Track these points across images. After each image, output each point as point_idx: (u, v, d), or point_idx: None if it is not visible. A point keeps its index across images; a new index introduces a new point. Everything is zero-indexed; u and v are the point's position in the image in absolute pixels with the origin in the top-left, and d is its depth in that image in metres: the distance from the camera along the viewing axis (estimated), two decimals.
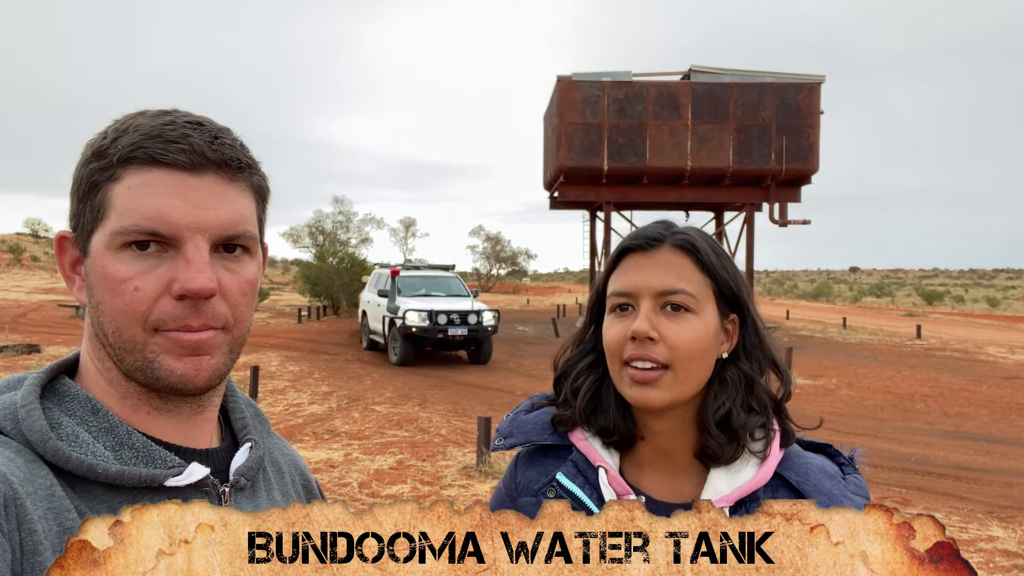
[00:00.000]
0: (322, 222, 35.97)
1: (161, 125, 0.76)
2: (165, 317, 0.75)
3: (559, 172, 21.56)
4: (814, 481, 0.97)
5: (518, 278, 53.98)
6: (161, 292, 0.75)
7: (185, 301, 0.75)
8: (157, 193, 0.74)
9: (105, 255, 0.75)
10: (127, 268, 0.74)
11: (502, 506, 1.10)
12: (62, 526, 0.67)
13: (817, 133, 21.16)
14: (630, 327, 0.97)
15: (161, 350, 0.76)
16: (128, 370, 0.77)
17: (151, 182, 0.74)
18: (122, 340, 0.76)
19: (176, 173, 0.75)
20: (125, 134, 0.76)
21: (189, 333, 0.76)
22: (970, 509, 5.92)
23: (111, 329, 0.76)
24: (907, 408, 10.71)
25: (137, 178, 0.75)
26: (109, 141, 0.76)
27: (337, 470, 6.43)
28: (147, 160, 0.75)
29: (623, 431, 1.03)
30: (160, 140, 0.75)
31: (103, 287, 0.75)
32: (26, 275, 43.27)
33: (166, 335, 0.76)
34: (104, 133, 0.78)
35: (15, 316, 20.47)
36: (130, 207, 0.74)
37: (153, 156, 0.74)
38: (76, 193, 0.78)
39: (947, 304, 48.83)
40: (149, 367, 0.76)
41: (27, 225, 73.74)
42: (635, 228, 1.09)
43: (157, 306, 0.75)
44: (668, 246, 1.01)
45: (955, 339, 21.17)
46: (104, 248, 0.75)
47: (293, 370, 12.53)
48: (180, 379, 0.77)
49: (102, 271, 0.75)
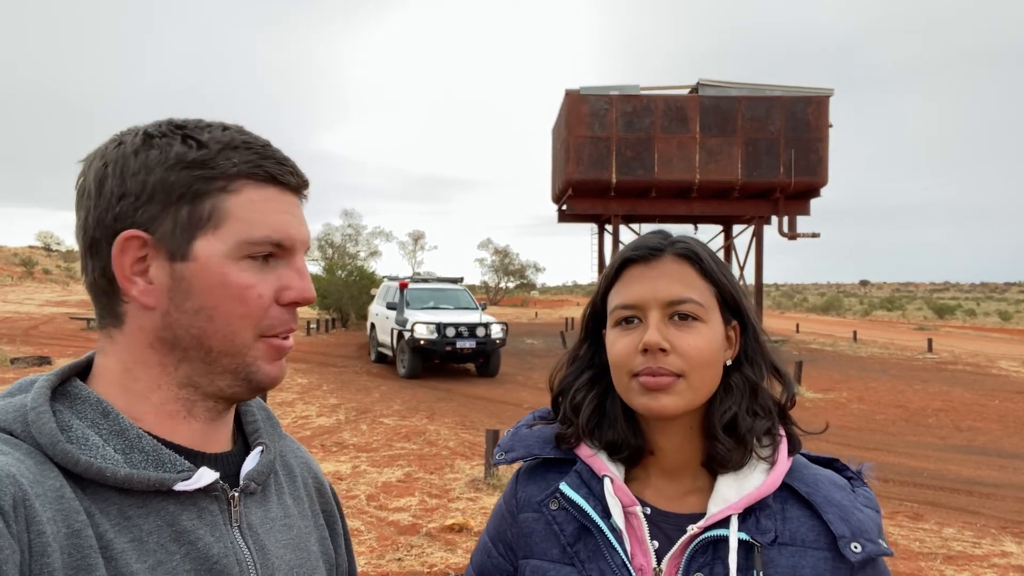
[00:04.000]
0: (331, 235, 36.16)
1: (261, 146, 0.82)
2: (275, 322, 0.81)
3: (567, 185, 21.61)
4: (824, 492, 0.95)
5: (526, 291, 53.96)
6: (274, 299, 0.81)
7: (290, 308, 0.82)
8: (280, 210, 0.81)
9: (224, 262, 0.77)
10: (250, 276, 0.78)
11: (502, 523, 1.09)
12: (71, 528, 0.67)
13: (826, 146, 21.15)
14: (639, 339, 0.95)
15: (260, 355, 0.81)
16: (216, 374, 0.80)
17: (271, 199, 0.81)
18: (229, 344, 0.79)
19: (287, 193, 0.83)
20: (232, 150, 0.79)
21: (288, 341, 0.84)
22: (983, 524, 5.85)
23: (222, 333, 0.78)
24: (919, 422, 10.62)
25: (257, 193, 0.80)
26: (213, 153, 0.78)
27: (345, 482, 6.42)
28: (266, 178, 0.81)
29: (632, 446, 1.02)
30: (272, 160, 0.81)
31: (220, 293, 0.77)
32: (38, 288, 43.56)
33: (269, 341, 0.81)
34: (190, 142, 0.78)
35: (27, 328, 20.59)
36: (257, 220, 0.79)
37: (272, 175, 0.81)
38: (163, 196, 0.77)
39: (959, 318, 48.48)
40: (247, 370, 0.80)
41: (39, 238, 74.36)
42: (633, 239, 1.08)
43: (269, 312, 0.80)
44: (670, 255, 1.00)
45: (967, 353, 21.00)
46: (222, 256, 0.77)
47: (302, 382, 12.54)
48: (272, 381, 0.83)
49: (221, 278, 0.77)
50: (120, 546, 0.70)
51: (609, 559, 0.95)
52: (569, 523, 1.00)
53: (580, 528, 0.99)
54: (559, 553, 0.99)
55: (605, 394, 1.05)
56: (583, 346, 1.10)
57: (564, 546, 0.99)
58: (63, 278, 50.50)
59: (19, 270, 53.55)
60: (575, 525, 0.99)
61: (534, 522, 1.03)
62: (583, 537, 0.98)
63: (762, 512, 0.94)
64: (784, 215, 21.87)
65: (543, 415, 1.14)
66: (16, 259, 59.40)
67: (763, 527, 0.93)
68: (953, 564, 4.86)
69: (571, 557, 0.98)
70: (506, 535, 1.07)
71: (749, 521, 0.94)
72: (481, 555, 1.10)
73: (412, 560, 4.63)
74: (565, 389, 1.09)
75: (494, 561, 1.07)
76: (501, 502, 1.12)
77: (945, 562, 4.89)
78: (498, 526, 1.10)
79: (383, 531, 5.17)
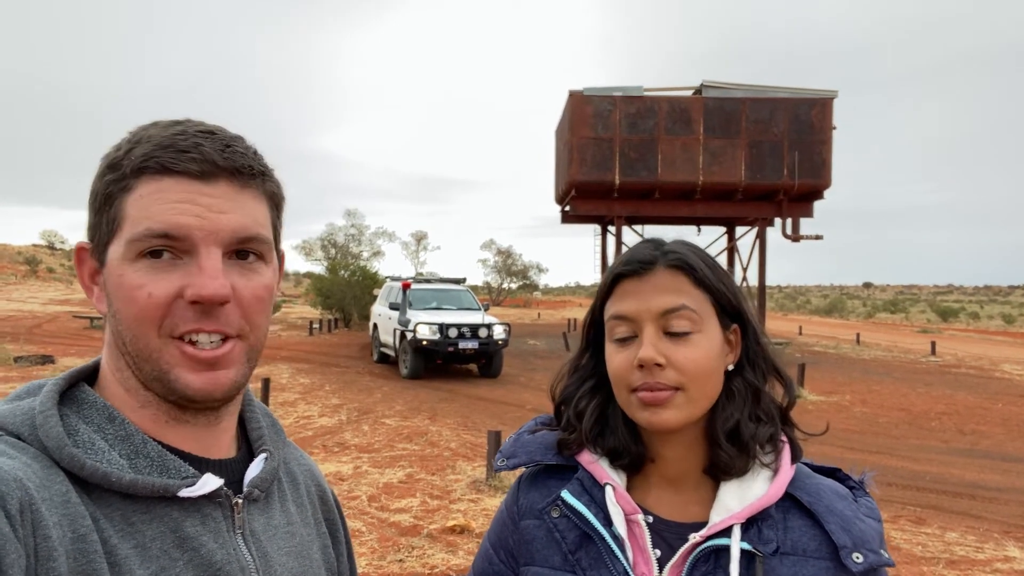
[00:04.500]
0: (334, 235, 36.18)
1: (172, 135, 0.77)
2: (177, 321, 0.75)
3: (571, 186, 21.58)
4: (826, 502, 0.95)
5: (529, 292, 53.88)
6: (174, 297, 0.75)
7: (198, 307, 0.75)
8: (168, 200, 0.75)
9: (121, 265, 0.76)
10: (141, 276, 0.75)
11: (504, 529, 1.09)
12: (76, 532, 0.67)
13: (829, 148, 21.10)
14: (635, 355, 0.95)
15: (176, 362, 0.76)
16: (146, 380, 0.78)
17: (163, 190, 0.75)
18: (138, 348, 0.76)
19: (187, 181, 0.76)
20: (138, 145, 0.77)
21: (205, 351, 0.77)
22: (986, 528, 5.84)
23: (128, 337, 0.76)
24: (922, 426, 10.59)
25: (149, 187, 0.75)
26: (123, 153, 0.77)
27: (346, 483, 6.42)
28: (159, 169, 0.75)
29: (633, 453, 1.02)
30: (171, 150, 0.75)
31: (119, 295, 0.76)
32: (42, 287, 43.64)
33: (181, 347, 0.76)
34: (119, 145, 0.79)
35: (30, 327, 20.63)
36: (142, 215, 0.75)
37: (164, 165, 0.75)
38: (93, 205, 0.79)
39: (962, 321, 48.35)
40: (165, 378, 0.76)
41: (43, 237, 74.47)
42: (625, 249, 1.07)
43: (170, 311, 0.75)
44: (662, 267, 0.98)
45: (970, 356, 20.95)
46: (120, 258, 0.76)
47: (304, 382, 12.55)
48: (197, 392, 0.77)
49: (118, 280, 0.76)
50: (124, 552, 0.70)
51: (611, 567, 0.95)
52: (571, 531, 1.00)
53: (582, 536, 0.99)
54: (561, 561, 0.99)
55: (607, 402, 1.05)
56: (584, 356, 1.10)
57: (566, 554, 0.99)
58: (67, 277, 50.55)
59: (23, 269, 53.65)
60: (577, 533, 0.99)
61: (536, 529, 1.03)
62: (585, 545, 0.98)
63: (764, 522, 0.94)
64: (787, 217, 21.82)
65: (545, 421, 1.14)
66: (20, 258, 59.50)
67: (765, 537, 0.93)
68: (956, 569, 4.85)
69: (573, 565, 0.98)
70: (508, 542, 1.07)
71: (751, 531, 0.93)
72: (483, 561, 1.10)
73: (413, 561, 4.63)
74: (568, 398, 1.08)
75: (496, 568, 1.07)
76: (503, 508, 1.12)
77: (948, 567, 4.88)
78: (500, 532, 1.10)
79: (384, 532, 5.17)
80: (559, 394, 1.11)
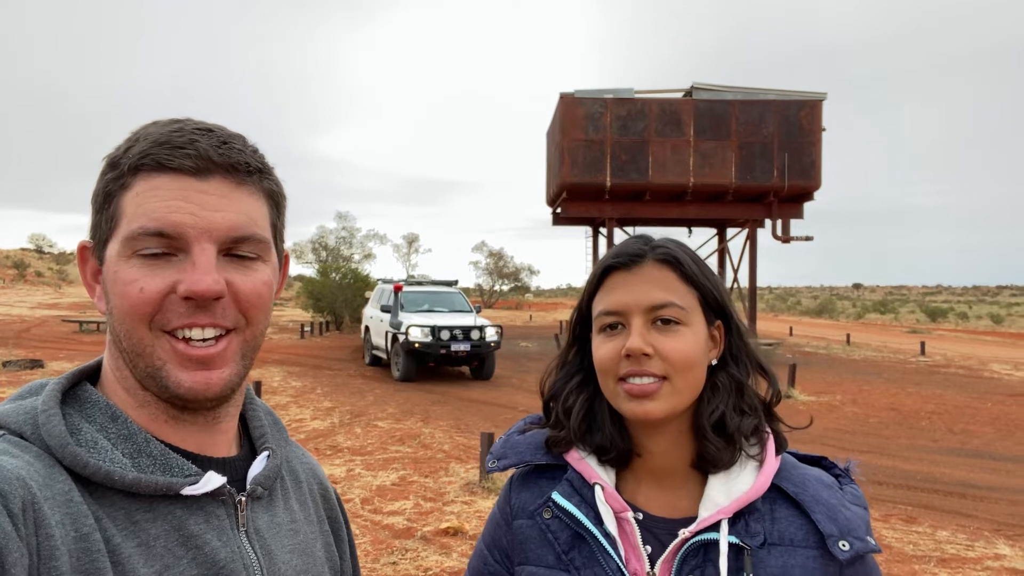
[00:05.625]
0: (325, 238, 36.11)
1: (169, 132, 0.77)
2: (169, 316, 0.75)
3: (562, 188, 21.63)
4: (812, 492, 0.97)
5: (521, 294, 53.94)
6: (166, 292, 0.75)
7: (191, 303, 0.75)
8: (162, 197, 0.75)
9: (117, 262, 0.76)
10: (135, 272, 0.75)
11: (497, 529, 1.10)
12: (79, 532, 0.67)
13: (819, 150, 21.23)
14: (623, 345, 0.97)
15: (168, 358, 0.76)
16: (141, 378, 0.78)
17: (158, 187, 0.75)
18: (131, 343, 0.76)
19: (182, 178, 0.76)
20: (136, 143, 0.77)
21: (198, 348, 0.76)
22: (976, 527, 5.88)
23: (122, 332, 0.77)
24: (912, 425, 10.65)
25: (145, 184, 0.76)
26: (122, 151, 0.78)
27: (339, 486, 6.40)
28: (154, 167, 0.75)
29: (620, 448, 1.03)
30: (167, 147, 0.76)
31: (114, 292, 0.76)
32: (30, 290, 43.31)
33: (173, 343, 0.76)
34: (120, 145, 0.79)
35: (19, 331, 20.47)
36: (137, 212, 0.75)
37: (160, 162, 0.75)
38: (94, 204, 0.80)
39: (951, 321, 48.69)
40: (157, 374, 0.76)
41: (31, 240, 74.00)
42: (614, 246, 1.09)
43: (163, 307, 0.75)
44: (651, 261, 1.01)
45: (959, 356, 21.09)
46: (116, 255, 0.76)
47: (296, 385, 12.50)
48: (188, 391, 0.77)
49: (113, 276, 0.76)
50: (127, 550, 0.70)
51: (604, 565, 0.96)
52: (563, 531, 1.01)
53: (574, 535, 1.00)
54: (554, 560, 1.00)
55: (594, 397, 1.07)
56: (571, 350, 1.12)
57: (559, 553, 1.00)
58: (55, 280, 50.23)
59: (11, 272, 53.26)
60: (569, 532, 1.01)
61: (529, 529, 1.05)
62: (577, 544, 1.00)
63: (751, 515, 0.96)
64: (778, 218, 21.94)
65: (534, 420, 1.15)
66: (8, 261, 59.08)
67: (752, 530, 0.95)
68: (947, 567, 4.88)
69: (566, 564, 0.99)
70: (502, 542, 1.09)
71: (739, 524, 0.95)
72: (478, 562, 1.11)
73: (407, 564, 4.62)
74: (556, 394, 1.10)
75: (491, 568, 1.09)
76: (495, 509, 1.13)
77: (939, 565, 4.91)
78: (493, 533, 1.11)
79: (378, 535, 5.16)
80: (547, 389, 1.13)
